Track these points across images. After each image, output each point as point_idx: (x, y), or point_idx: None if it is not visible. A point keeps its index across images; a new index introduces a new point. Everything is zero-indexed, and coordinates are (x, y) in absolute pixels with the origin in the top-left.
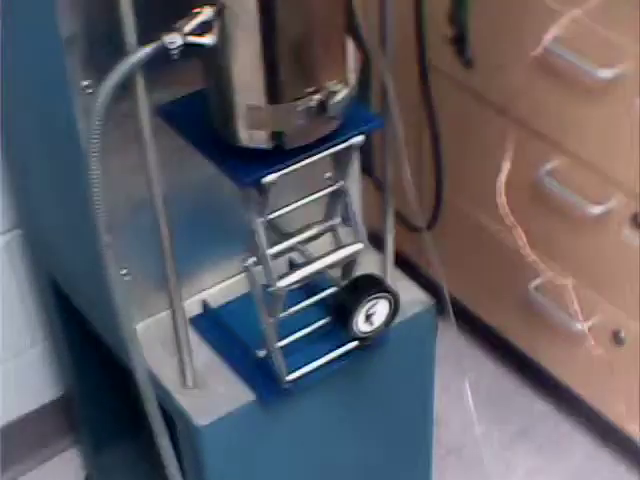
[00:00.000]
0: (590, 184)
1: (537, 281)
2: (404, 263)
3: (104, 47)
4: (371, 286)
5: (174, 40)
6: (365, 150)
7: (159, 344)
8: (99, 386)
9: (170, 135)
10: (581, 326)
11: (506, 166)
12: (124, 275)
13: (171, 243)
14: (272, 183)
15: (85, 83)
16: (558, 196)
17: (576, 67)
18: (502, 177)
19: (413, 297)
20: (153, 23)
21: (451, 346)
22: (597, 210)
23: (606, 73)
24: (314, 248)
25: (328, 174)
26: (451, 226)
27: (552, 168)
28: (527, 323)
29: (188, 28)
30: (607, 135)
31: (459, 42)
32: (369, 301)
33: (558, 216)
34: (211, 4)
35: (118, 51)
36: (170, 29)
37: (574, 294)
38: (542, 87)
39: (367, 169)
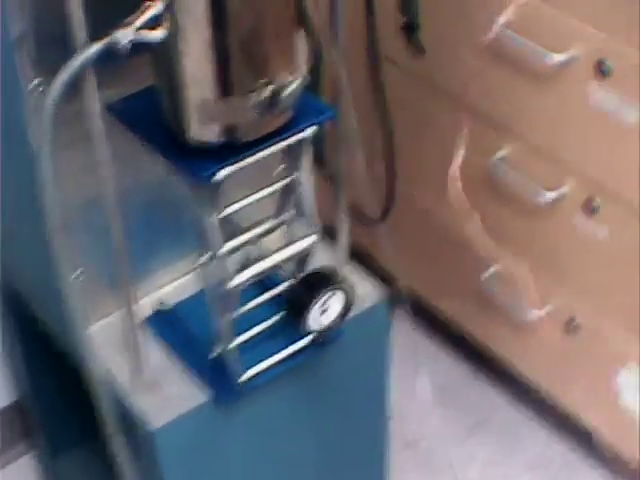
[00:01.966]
0: (543, 170)
1: (491, 270)
2: (359, 255)
3: (55, 45)
4: (325, 280)
5: (124, 36)
6: (317, 141)
7: (113, 345)
8: (55, 391)
9: (122, 132)
10: (536, 314)
11: (459, 153)
12: (78, 275)
13: (124, 242)
14: (225, 178)
15: (36, 82)
16: (511, 183)
17: (527, 52)
18: (456, 164)
19: (367, 290)
20: (103, 18)
21: (407, 338)
22: (550, 196)
23: (557, 57)
24: (268, 242)
25: (280, 167)
26: (405, 217)
27: (505, 155)
28: (482, 313)
29: (138, 23)
30: (559, 120)
31: (410, 30)
32: (323, 296)
33: (512, 203)
34: None
35: (69, 49)
36: (120, 24)
37: (529, 282)
38: (494, 73)
39: (319, 160)
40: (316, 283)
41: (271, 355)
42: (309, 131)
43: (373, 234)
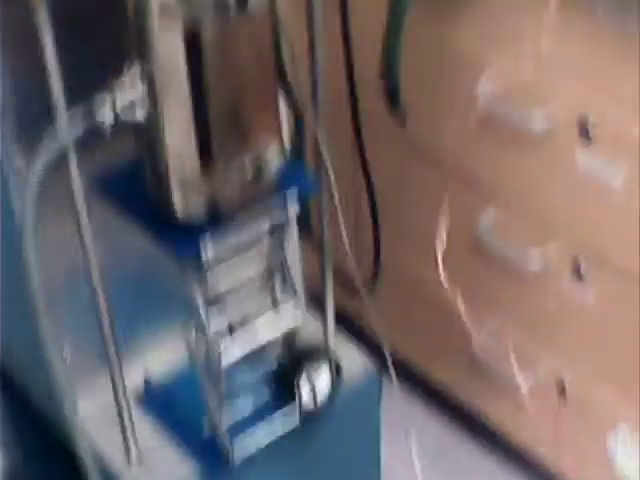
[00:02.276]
0: (529, 236)
1: (479, 336)
2: (347, 321)
3: (38, 126)
4: (313, 357)
5: (106, 117)
6: (303, 211)
7: (103, 421)
8: (45, 470)
9: (106, 207)
10: (526, 379)
11: (444, 219)
12: (65, 353)
13: (110, 318)
14: (210, 254)
15: (18, 157)
16: (497, 249)
17: (509, 117)
18: (441, 230)
19: (356, 362)
20: (83, 92)
21: (396, 404)
22: (537, 262)
23: (540, 123)
24: (255, 316)
25: (266, 242)
26: (392, 283)
27: (490, 220)
28: (471, 378)
29: (119, 103)
30: (544, 185)
31: (391, 99)
32: (312, 372)
33: (499, 268)
34: (141, 76)
35: (51, 125)
36: (101, 104)
37: (516, 348)
38: (477, 138)
39: (304, 232)
40: (305, 359)
41: (263, 434)
42: (293, 204)
43: (361, 301)
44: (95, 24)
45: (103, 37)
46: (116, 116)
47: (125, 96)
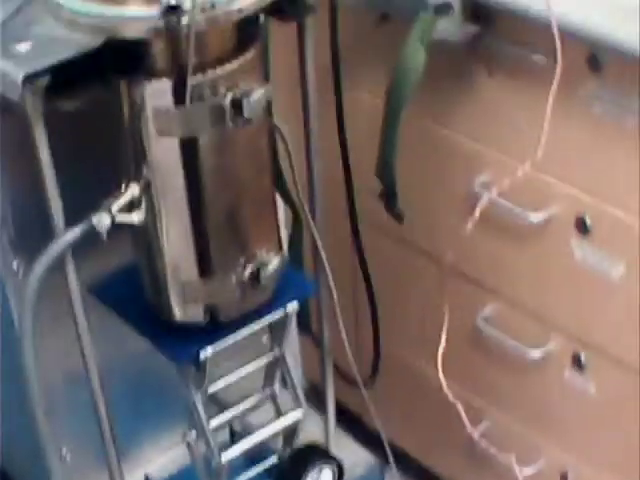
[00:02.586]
0: (529, 327)
1: (481, 426)
2: (347, 414)
3: (34, 229)
4: (314, 456)
5: (102, 220)
6: (301, 307)
7: None
8: None
9: (104, 309)
10: (528, 471)
11: (444, 314)
12: (64, 454)
13: (110, 420)
14: (209, 357)
15: (15, 265)
16: (497, 341)
17: (507, 214)
18: (441, 325)
19: (357, 458)
20: (80, 200)
21: None
22: (537, 354)
23: (537, 217)
24: (254, 414)
25: (265, 337)
26: (393, 376)
27: (489, 313)
28: (473, 470)
29: (116, 207)
30: (543, 278)
31: (388, 198)
32: (313, 472)
33: (499, 360)
34: (137, 180)
35: (48, 231)
36: (97, 208)
37: (517, 439)
38: (474, 234)
39: (304, 326)
40: (305, 459)
41: None
42: (291, 307)
43: (361, 394)
44: (92, 132)
45: (100, 144)
46: (113, 219)
47: (122, 199)
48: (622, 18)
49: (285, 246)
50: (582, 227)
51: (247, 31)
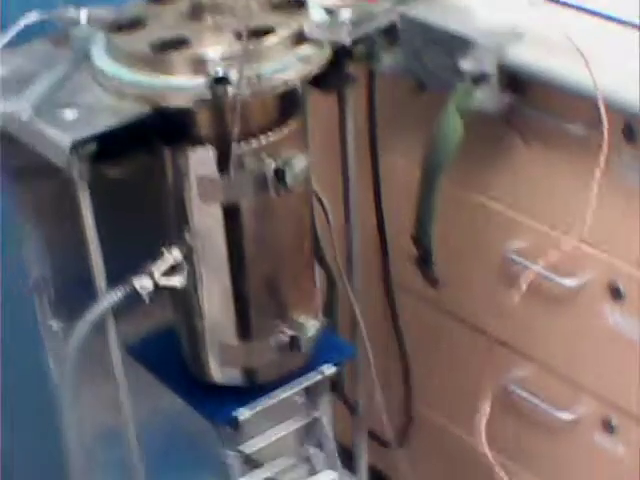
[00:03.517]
0: (560, 391)
1: None
2: (378, 477)
3: (74, 290)
4: None
5: (145, 285)
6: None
7: None
8: None
9: (141, 368)
10: None
11: (487, 397)
12: None
13: (145, 476)
14: (246, 419)
15: (55, 325)
16: (528, 405)
17: (541, 278)
18: (483, 416)
19: None
20: (122, 263)
21: None
22: (567, 417)
23: (571, 282)
24: (288, 477)
25: (301, 400)
26: (423, 439)
27: (521, 377)
28: None
29: (158, 272)
30: (574, 342)
31: (424, 263)
32: None
33: (529, 423)
34: (179, 245)
35: (87, 293)
36: (140, 272)
37: None
38: (508, 299)
39: (337, 390)
40: None
41: None
42: (329, 371)
43: (391, 457)
44: (135, 196)
45: (143, 209)
46: (155, 283)
47: (164, 264)
48: None
49: (322, 312)
50: (615, 293)
51: (290, 101)
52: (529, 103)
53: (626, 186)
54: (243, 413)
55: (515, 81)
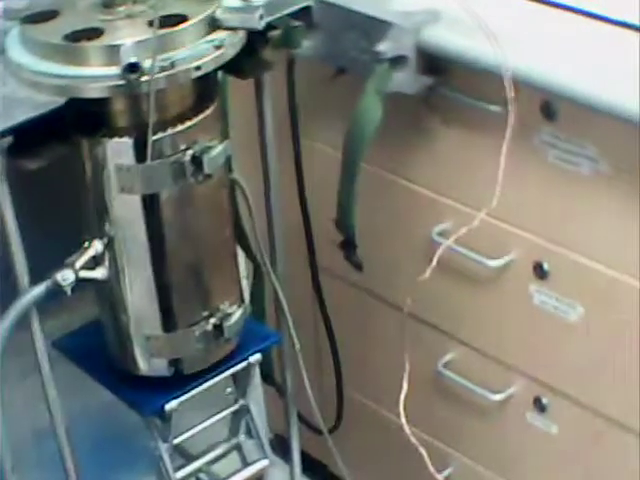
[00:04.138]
0: (489, 372)
1: (446, 472)
2: (312, 462)
3: None
4: None
5: (66, 277)
6: (264, 357)
7: None
8: None
9: (69, 363)
10: None
11: (405, 361)
12: None
13: (77, 472)
14: (174, 409)
15: None
16: (458, 387)
17: (465, 260)
18: (403, 391)
19: None
20: (44, 256)
21: None
22: (498, 398)
23: (496, 263)
24: (220, 465)
25: (229, 389)
26: (356, 423)
27: (450, 359)
28: None
29: (79, 263)
30: (502, 323)
31: (348, 247)
32: None
33: (461, 405)
34: (100, 236)
35: (11, 287)
36: (61, 265)
37: None
38: (434, 282)
39: (267, 377)
40: None
41: None
42: (254, 358)
43: (325, 442)
44: (55, 190)
45: (63, 202)
46: (77, 276)
47: (85, 256)
48: (575, 65)
49: (247, 298)
50: (540, 272)
51: (206, 88)
52: (447, 84)
53: (547, 164)
54: (171, 403)
55: (433, 63)
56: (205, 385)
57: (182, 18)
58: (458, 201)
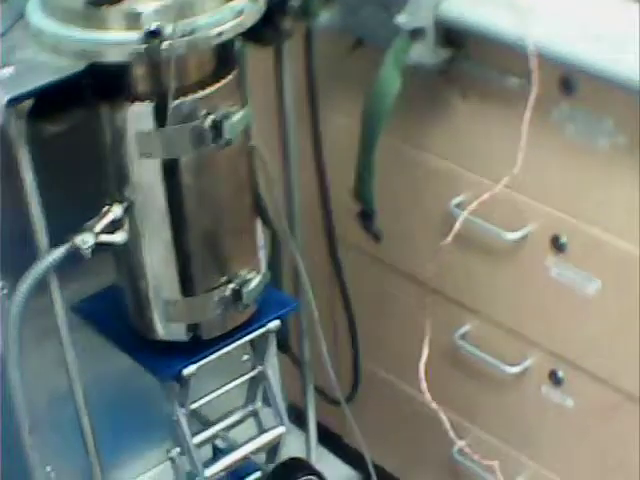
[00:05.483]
0: (506, 345)
1: (461, 443)
2: (328, 434)
3: (17, 249)
4: (296, 471)
5: (86, 240)
6: (281, 327)
7: None
8: None
9: (88, 327)
10: None
11: (426, 342)
12: (48, 473)
13: (94, 436)
14: (192, 374)
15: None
16: (475, 359)
17: (483, 233)
18: (423, 357)
19: (339, 474)
20: (64, 220)
21: None
22: (514, 370)
23: (513, 235)
24: (237, 431)
25: (246, 356)
26: (372, 395)
27: (467, 331)
28: None
29: (99, 227)
30: (519, 295)
31: (365, 217)
32: None
33: (477, 378)
34: (119, 201)
35: (31, 252)
36: (81, 228)
37: (499, 455)
38: (452, 254)
39: (283, 346)
40: (288, 473)
41: None
42: (273, 324)
43: (340, 413)
44: (75, 154)
45: (83, 166)
46: (96, 240)
47: (105, 220)
48: (594, 40)
49: (265, 265)
50: (557, 245)
51: (225, 55)
52: (466, 57)
53: (565, 138)
54: (189, 368)
55: (452, 35)
56: (223, 351)
57: None
58: (476, 173)
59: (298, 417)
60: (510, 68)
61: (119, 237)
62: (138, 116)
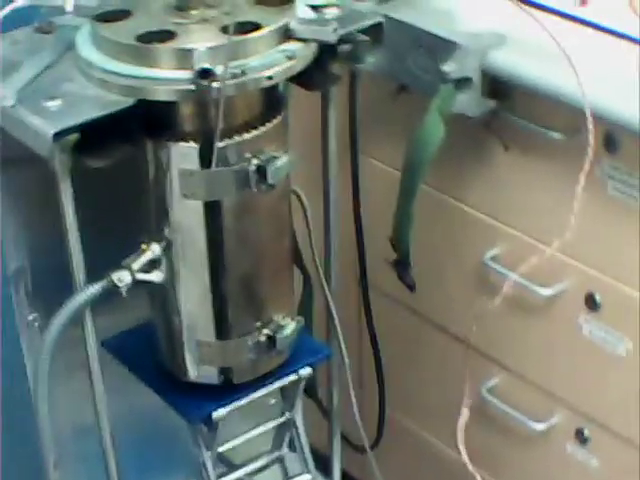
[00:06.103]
0: (533, 401)
1: None
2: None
3: (51, 282)
4: None
5: (123, 278)
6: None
7: None
8: None
9: (117, 363)
10: None
11: (466, 404)
12: None
13: (119, 472)
14: (221, 418)
15: (31, 317)
16: (501, 413)
17: (519, 286)
18: (462, 419)
19: None
20: (101, 256)
21: None
22: (540, 427)
23: (547, 291)
24: (262, 478)
25: (273, 400)
26: (397, 444)
27: (495, 385)
28: None
29: (136, 265)
30: (549, 352)
31: (401, 267)
32: None
33: (502, 432)
34: (158, 240)
35: (65, 285)
36: (118, 266)
37: None
38: (483, 306)
39: (309, 391)
40: None
41: None
42: (304, 371)
43: (364, 460)
44: (116, 189)
45: (124, 202)
46: (133, 278)
47: (143, 258)
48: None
49: (299, 312)
50: (592, 303)
51: (273, 98)
52: (510, 109)
53: (605, 196)
54: (219, 412)
55: (497, 86)
56: (253, 396)
57: (255, 26)
58: (514, 227)
59: (321, 463)
60: (554, 122)
61: (156, 276)
62: (183, 156)
